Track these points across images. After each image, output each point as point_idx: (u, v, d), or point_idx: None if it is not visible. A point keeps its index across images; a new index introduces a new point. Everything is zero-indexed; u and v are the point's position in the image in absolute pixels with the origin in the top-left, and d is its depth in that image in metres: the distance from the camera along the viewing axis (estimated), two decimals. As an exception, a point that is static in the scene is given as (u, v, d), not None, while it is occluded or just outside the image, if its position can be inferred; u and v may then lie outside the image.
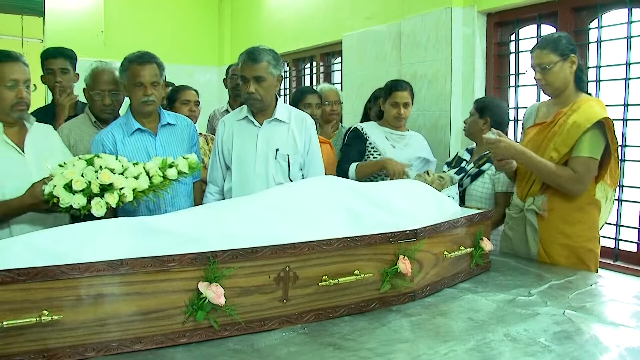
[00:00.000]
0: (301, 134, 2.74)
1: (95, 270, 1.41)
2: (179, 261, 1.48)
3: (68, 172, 1.94)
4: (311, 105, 3.50)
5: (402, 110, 3.23)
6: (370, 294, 1.81)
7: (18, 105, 2.20)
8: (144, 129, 2.59)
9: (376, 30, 4.52)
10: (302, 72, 6.04)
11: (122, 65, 2.59)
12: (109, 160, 2.02)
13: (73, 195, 1.92)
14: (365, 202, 2.00)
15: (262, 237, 1.64)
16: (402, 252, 1.84)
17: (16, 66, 2.20)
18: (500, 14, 3.69)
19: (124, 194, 1.97)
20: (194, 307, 1.51)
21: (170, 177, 2.14)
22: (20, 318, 1.34)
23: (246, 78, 2.60)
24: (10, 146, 2.22)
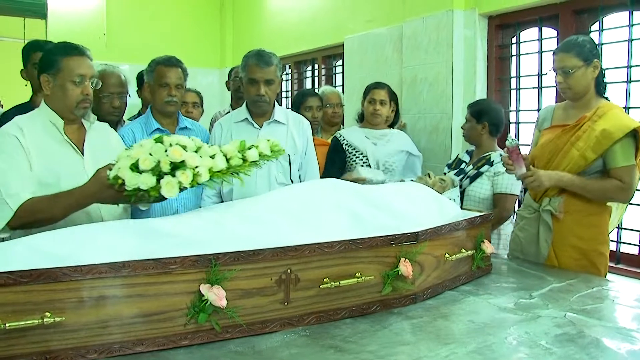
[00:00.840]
0: (299, 135, 2.78)
1: (97, 272, 1.41)
2: (180, 263, 1.48)
3: (135, 152, 1.70)
4: (312, 107, 3.52)
5: (377, 106, 3.31)
6: (371, 297, 1.81)
7: (83, 102, 2.06)
8: (162, 129, 2.68)
9: (377, 33, 4.53)
10: (303, 75, 6.05)
11: (148, 67, 2.73)
12: (180, 138, 1.76)
13: (140, 175, 1.66)
14: (366, 204, 2.00)
15: (264, 240, 1.64)
16: (404, 254, 1.84)
17: (83, 60, 2.06)
18: (501, 16, 3.70)
19: (199, 173, 1.69)
20: (195, 310, 1.51)
21: (250, 159, 1.88)
22: (23, 320, 1.34)
23: (256, 80, 2.62)
24: (69, 145, 2.09)
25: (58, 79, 2.03)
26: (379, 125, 3.35)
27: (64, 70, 2.02)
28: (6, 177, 1.88)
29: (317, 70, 5.75)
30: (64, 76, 2.02)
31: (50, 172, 1.97)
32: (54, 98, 2.06)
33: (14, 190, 1.86)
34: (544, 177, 2.39)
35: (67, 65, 2.02)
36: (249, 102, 2.73)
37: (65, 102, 2.04)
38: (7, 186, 1.87)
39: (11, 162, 1.91)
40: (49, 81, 2.04)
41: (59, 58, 2.02)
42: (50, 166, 1.98)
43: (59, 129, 2.06)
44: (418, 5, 4.01)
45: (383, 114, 3.33)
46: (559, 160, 2.46)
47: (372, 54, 4.58)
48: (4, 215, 1.84)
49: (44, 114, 2.07)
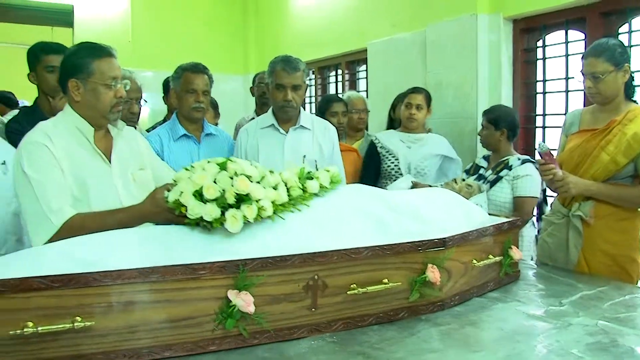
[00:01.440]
0: (325, 141, 2.78)
1: (127, 278, 1.42)
2: (209, 269, 1.48)
3: (197, 177, 1.63)
4: (337, 113, 3.52)
5: (413, 110, 3.33)
6: (398, 303, 1.79)
7: (117, 105, 1.97)
8: (189, 135, 2.72)
9: (401, 37, 4.51)
10: (327, 80, 6.06)
11: (175, 73, 2.75)
12: (244, 166, 1.69)
13: (204, 204, 1.59)
14: (393, 210, 1.98)
15: (291, 246, 1.64)
16: (431, 260, 1.82)
17: (114, 62, 1.96)
18: (526, 20, 3.66)
19: (263, 207, 1.64)
20: (223, 315, 1.51)
21: (310, 190, 1.87)
22: (54, 324, 1.36)
23: (283, 86, 2.64)
24: (98, 155, 1.98)
25: (89, 83, 1.92)
26: (415, 130, 3.35)
27: (95, 74, 1.91)
28: (45, 190, 1.79)
29: (340, 76, 5.75)
30: (95, 80, 1.91)
31: (80, 183, 1.89)
32: (84, 103, 1.94)
33: (56, 205, 1.78)
34: (571, 184, 2.35)
35: (98, 68, 1.91)
36: (276, 108, 2.74)
37: (98, 107, 1.94)
38: (48, 201, 1.78)
39: (47, 173, 1.82)
40: (79, 86, 1.93)
41: (89, 61, 1.91)
42: (79, 177, 1.90)
43: (88, 137, 1.97)
44: (442, 10, 3.99)
45: (419, 119, 3.34)
46: (588, 164, 2.42)
47: (396, 59, 4.56)
48: (47, 231, 1.75)
49: (70, 121, 1.96)
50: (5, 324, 1.33)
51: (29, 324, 1.33)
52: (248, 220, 1.60)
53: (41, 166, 1.82)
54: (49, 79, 2.85)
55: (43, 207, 1.77)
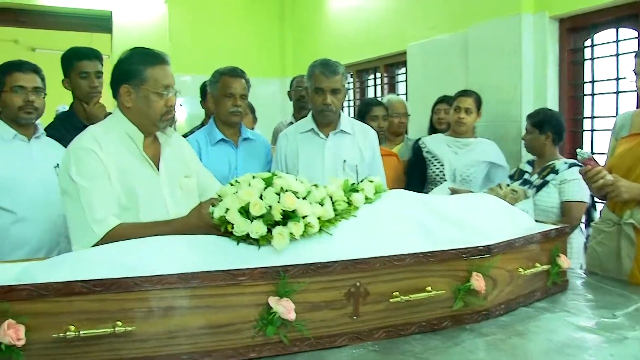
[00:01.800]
0: (366, 145, 2.78)
1: (167, 283, 1.43)
2: (249, 275, 1.49)
3: (244, 193, 1.62)
4: (378, 117, 3.50)
5: (462, 114, 3.28)
6: (442, 312, 1.76)
7: (167, 114, 1.96)
8: (227, 140, 2.75)
9: (441, 39, 4.47)
10: (365, 84, 6.05)
11: (212, 77, 2.78)
12: (290, 181, 1.69)
13: (250, 221, 1.59)
14: (435, 216, 1.96)
15: (332, 252, 1.63)
16: (475, 268, 1.78)
17: (167, 70, 1.95)
18: (573, 19, 3.57)
19: (310, 224, 1.63)
20: (264, 322, 1.51)
21: (355, 204, 1.86)
22: (96, 328, 1.38)
23: (322, 90, 2.64)
24: (146, 162, 1.97)
25: (142, 90, 1.92)
26: (464, 134, 3.31)
27: (148, 81, 1.91)
28: (91, 198, 1.79)
29: (379, 79, 5.72)
30: (148, 87, 1.91)
31: (128, 191, 1.89)
32: (135, 110, 1.95)
33: (100, 215, 1.78)
34: (623, 189, 2.27)
35: (152, 75, 1.91)
36: (315, 112, 2.74)
37: (149, 115, 1.94)
38: (93, 210, 1.78)
39: (94, 181, 1.82)
40: (130, 92, 1.93)
41: (143, 68, 1.91)
42: (127, 185, 1.89)
43: (138, 144, 1.96)
44: (484, 10, 3.93)
45: (468, 123, 3.29)
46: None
47: (436, 61, 4.52)
48: (88, 241, 1.76)
49: (121, 126, 1.96)
50: (48, 327, 1.35)
51: (71, 328, 1.36)
52: (294, 237, 1.60)
53: (89, 173, 1.83)
54: (82, 84, 2.90)
55: (87, 216, 1.78)
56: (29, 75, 2.47)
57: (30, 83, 2.46)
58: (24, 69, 2.48)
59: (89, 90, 2.91)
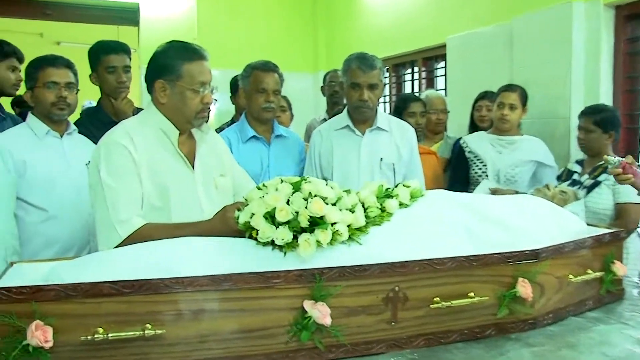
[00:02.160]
0: (403, 143, 2.77)
1: (199, 285, 1.45)
2: (284, 278, 1.50)
3: (270, 198, 1.62)
4: (415, 114, 3.49)
5: (506, 111, 3.23)
6: (485, 319, 1.74)
7: (202, 112, 1.97)
8: (259, 137, 2.77)
9: (483, 31, 4.41)
10: (402, 78, 6.02)
11: (244, 72, 2.80)
12: (319, 186, 1.68)
13: (276, 227, 1.59)
14: (478, 218, 1.94)
15: (370, 255, 1.63)
16: (522, 274, 1.76)
17: (204, 65, 1.95)
18: (631, 5, 3.47)
19: (339, 231, 1.62)
20: (298, 327, 1.52)
21: (389, 210, 1.84)
22: (125, 331, 1.40)
23: (359, 85, 2.64)
24: (181, 159, 1.99)
25: (177, 86, 1.92)
26: (508, 132, 3.26)
27: (184, 78, 1.92)
28: (116, 198, 1.82)
29: (417, 74, 5.69)
30: (183, 84, 1.92)
31: (160, 190, 1.91)
32: (170, 106, 1.95)
33: (125, 215, 1.80)
34: None
35: (188, 71, 1.91)
36: (351, 108, 2.74)
37: (184, 112, 1.95)
38: (117, 210, 1.80)
39: (122, 179, 1.84)
40: (165, 88, 1.94)
41: (180, 63, 1.92)
42: (160, 183, 1.91)
43: (172, 140, 1.97)
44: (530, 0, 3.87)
45: (512, 120, 3.24)
46: None
47: (478, 54, 4.46)
48: (112, 241, 1.78)
49: (155, 121, 1.97)
50: (75, 329, 1.39)
51: (99, 330, 1.39)
52: (322, 245, 1.58)
53: (116, 171, 1.85)
54: (109, 79, 2.93)
55: (112, 216, 1.80)
56: (62, 70, 2.53)
57: (63, 78, 2.52)
58: (57, 64, 2.53)
59: (117, 86, 2.95)
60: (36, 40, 9.31)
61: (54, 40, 9.77)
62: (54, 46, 9.49)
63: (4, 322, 1.35)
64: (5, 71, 2.97)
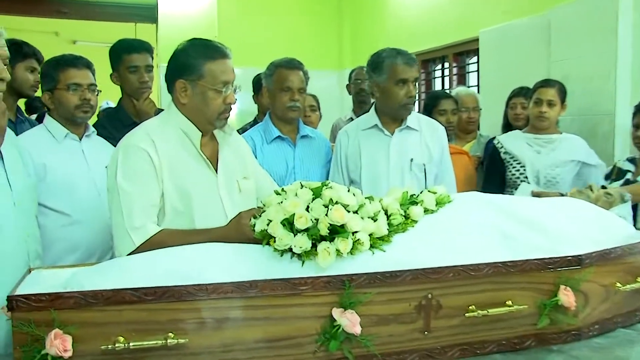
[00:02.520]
0: (434, 143, 2.76)
1: (223, 292, 1.46)
2: (311, 284, 1.50)
3: (289, 204, 1.62)
4: (446, 111, 3.47)
5: (544, 107, 3.18)
6: (524, 329, 1.73)
7: (225, 112, 1.99)
8: (283, 137, 2.79)
9: (519, 24, 4.38)
10: (432, 75, 6.02)
11: (267, 70, 2.82)
12: (341, 192, 1.67)
13: (294, 235, 1.58)
14: (515, 222, 1.91)
15: (401, 261, 1.62)
16: (564, 281, 1.74)
17: (227, 65, 1.97)
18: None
19: (360, 241, 1.61)
20: (326, 336, 1.52)
21: (414, 218, 1.83)
22: (146, 339, 1.42)
23: (407, 81, 2.66)
24: (203, 162, 2.00)
25: (198, 86, 1.94)
26: (546, 130, 3.22)
27: (206, 77, 1.93)
28: (131, 204, 1.84)
29: (447, 69, 5.67)
30: (205, 83, 1.93)
31: (182, 194, 1.93)
32: (191, 107, 1.97)
33: (139, 222, 1.82)
34: None
35: (210, 71, 1.93)
36: (396, 107, 2.71)
37: (205, 113, 1.96)
38: (132, 216, 1.82)
39: (139, 184, 1.86)
40: (186, 88, 1.96)
41: (201, 62, 1.93)
42: (182, 187, 1.93)
43: (195, 142, 1.99)
44: (570, -11, 3.83)
45: (551, 117, 3.20)
46: None
47: (513, 48, 4.43)
48: (126, 248, 1.81)
49: (177, 123, 2.00)
50: (96, 337, 1.40)
51: (120, 339, 1.41)
52: (341, 254, 1.57)
53: (134, 175, 1.87)
54: (131, 79, 2.97)
55: (126, 222, 1.82)
56: (83, 71, 2.55)
57: (85, 80, 2.54)
58: (79, 65, 2.55)
59: (139, 86, 2.98)
60: (51, 39, 9.45)
61: (70, 39, 9.92)
62: (69, 45, 9.63)
63: (22, 330, 1.37)
64: (24, 72, 3.01)
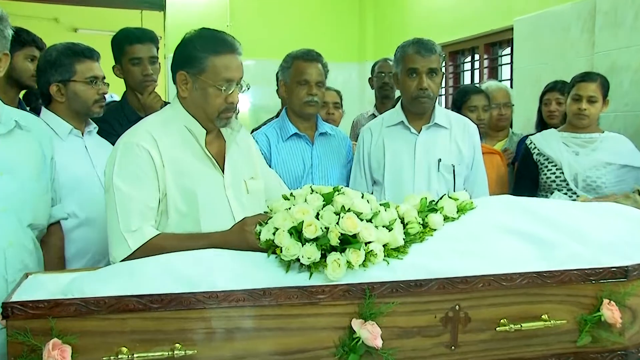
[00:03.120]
0: (465, 142, 2.75)
1: (235, 300, 1.47)
2: (329, 293, 1.51)
3: (297, 211, 1.62)
4: (477, 108, 3.45)
5: (584, 104, 3.09)
6: (562, 347, 1.72)
7: (227, 111, 1.99)
8: (300, 134, 2.81)
9: (558, 11, 4.35)
10: (460, 67, 6.01)
11: (284, 62, 2.83)
12: (354, 199, 1.66)
13: (302, 245, 1.57)
14: (552, 229, 1.91)
15: (426, 269, 1.63)
16: (607, 295, 1.73)
17: (234, 60, 1.97)
18: None
19: (373, 252, 1.60)
20: (344, 349, 1.52)
21: (432, 226, 1.83)
22: (151, 350, 1.43)
23: (417, 71, 2.64)
24: (209, 161, 2.03)
25: (199, 81, 1.95)
26: (586, 129, 3.18)
27: (207, 72, 1.94)
28: (128, 206, 1.86)
29: (477, 62, 5.65)
30: (207, 79, 1.94)
31: (186, 195, 1.94)
32: (191, 101, 2.00)
33: (136, 225, 1.84)
34: None
35: (213, 65, 1.93)
36: (408, 100, 2.72)
37: (205, 110, 1.98)
38: (128, 220, 1.84)
39: (136, 185, 1.88)
40: (187, 81, 1.97)
41: (204, 55, 1.93)
42: (186, 187, 1.95)
43: (200, 140, 2.01)
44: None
45: (592, 114, 3.14)
46: None
47: (551, 38, 4.40)
48: (121, 253, 1.83)
49: (181, 119, 2.01)
50: (98, 348, 1.42)
51: (124, 350, 1.42)
52: (352, 266, 1.56)
53: (131, 175, 1.89)
54: (134, 72, 2.94)
55: (121, 225, 1.85)
56: (98, 63, 2.51)
57: (101, 72, 2.50)
58: (95, 57, 2.52)
59: (142, 79, 2.97)
60: (51, 26, 9.47)
61: (71, 27, 9.97)
62: (70, 33, 9.65)
63: (18, 340, 1.38)
64: (24, 61, 2.99)
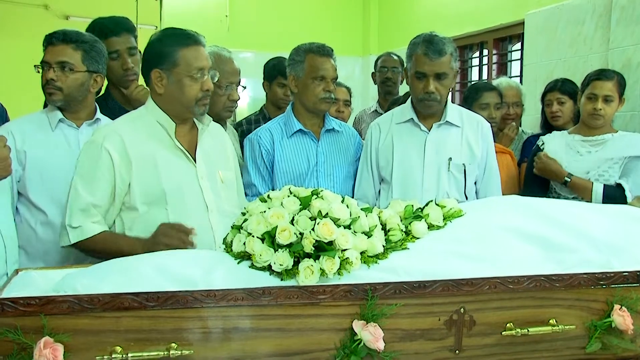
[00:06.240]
0: (477, 140, 2.76)
1: (233, 299, 1.49)
2: (330, 293, 1.53)
3: (272, 215, 1.63)
4: (489, 105, 3.45)
5: (599, 104, 3.05)
6: (571, 353, 1.75)
7: (203, 99, 2.18)
8: (305, 131, 2.82)
9: (572, 4, 4.36)
10: (468, 63, 6.01)
11: (296, 55, 2.83)
12: (333, 204, 1.66)
13: (275, 251, 1.58)
14: (561, 231, 1.92)
15: (430, 271, 1.65)
16: (618, 300, 1.75)
17: (201, 51, 2.18)
18: None
19: (348, 259, 1.59)
20: (345, 351, 1.54)
21: (415, 235, 1.83)
22: (146, 350, 1.46)
23: (424, 74, 2.65)
24: (180, 152, 2.21)
25: (173, 74, 2.14)
26: (600, 130, 3.17)
27: (180, 64, 2.13)
28: (76, 202, 2.09)
29: (486, 57, 5.66)
30: (180, 71, 2.13)
31: (155, 188, 2.13)
32: (168, 96, 2.17)
33: (77, 222, 2.07)
34: None
35: (183, 58, 2.13)
36: (415, 101, 2.74)
37: (182, 101, 2.16)
38: (72, 215, 2.09)
39: (88, 183, 2.10)
40: (162, 77, 2.15)
41: (174, 49, 2.13)
42: (153, 181, 2.13)
43: (170, 132, 2.18)
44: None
45: (607, 115, 3.10)
46: None
47: (565, 33, 4.41)
48: (63, 242, 2.12)
49: (151, 115, 2.20)
50: (91, 347, 1.44)
51: (117, 349, 1.45)
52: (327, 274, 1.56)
53: (85, 174, 2.11)
54: (114, 67, 2.89)
55: (67, 219, 2.10)
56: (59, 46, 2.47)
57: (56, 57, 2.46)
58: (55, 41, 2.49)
59: (123, 73, 2.95)
60: (40, 13, 9.36)
61: (62, 14, 9.84)
62: (61, 21, 9.49)
63: (8, 338, 1.40)
64: None
